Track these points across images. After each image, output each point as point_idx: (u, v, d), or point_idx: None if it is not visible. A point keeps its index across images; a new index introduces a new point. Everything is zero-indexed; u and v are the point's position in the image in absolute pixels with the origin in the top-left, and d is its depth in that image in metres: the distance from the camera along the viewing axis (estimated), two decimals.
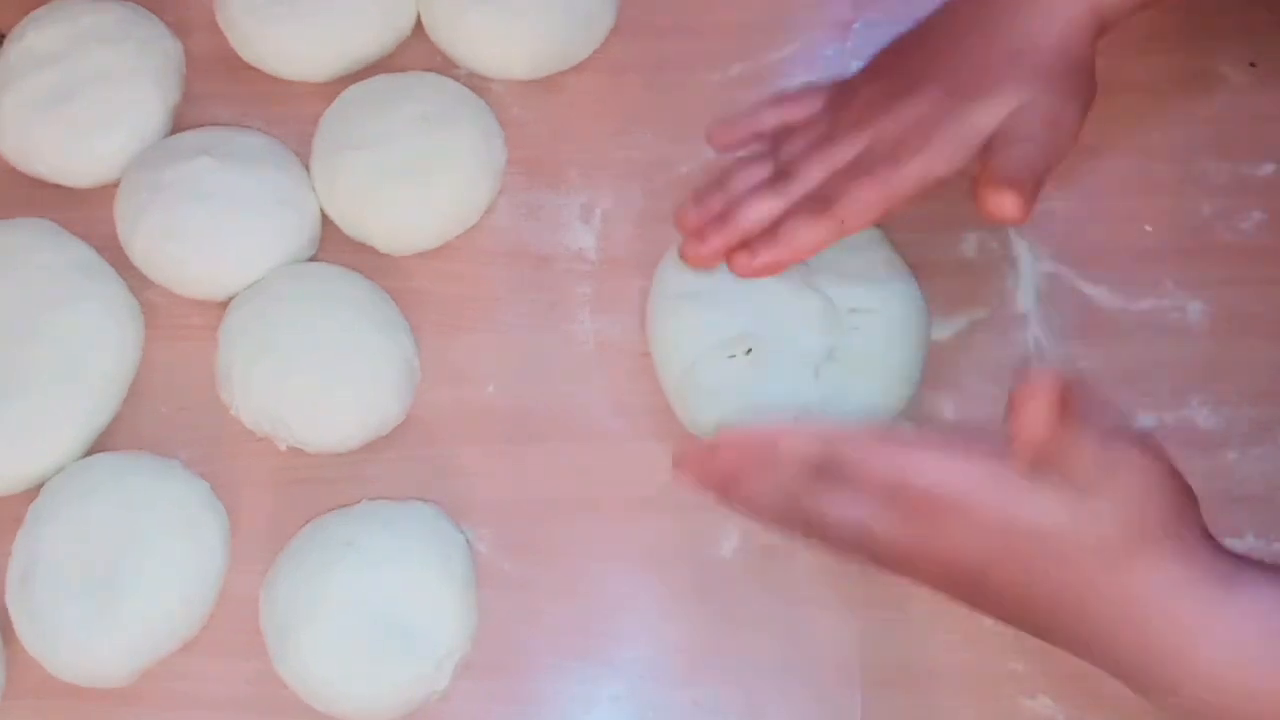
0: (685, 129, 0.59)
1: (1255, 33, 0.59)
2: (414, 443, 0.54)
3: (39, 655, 0.49)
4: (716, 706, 0.49)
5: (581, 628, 0.50)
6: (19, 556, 0.50)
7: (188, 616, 0.50)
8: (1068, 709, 0.47)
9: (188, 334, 0.56)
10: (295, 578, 0.49)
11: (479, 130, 0.58)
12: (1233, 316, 0.54)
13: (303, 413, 0.52)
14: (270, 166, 0.57)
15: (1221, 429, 0.52)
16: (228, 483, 0.53)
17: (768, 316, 0.51)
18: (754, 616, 0.50)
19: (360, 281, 0.55)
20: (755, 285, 0.51)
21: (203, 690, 0.50)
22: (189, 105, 0.61)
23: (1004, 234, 0.56)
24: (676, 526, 0.52)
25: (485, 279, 0.57)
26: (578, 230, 0.58)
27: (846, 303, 0.51)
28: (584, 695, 0.50)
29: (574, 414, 0.54)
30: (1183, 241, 0.56)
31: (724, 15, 0.62)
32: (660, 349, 0.53)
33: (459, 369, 0.55)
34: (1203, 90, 0.59)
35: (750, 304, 0.52)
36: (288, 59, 0.61)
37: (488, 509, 0.52)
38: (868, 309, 0.51)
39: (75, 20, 0.60)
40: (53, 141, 0.58)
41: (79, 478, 0.52)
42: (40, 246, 0.56)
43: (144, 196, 0.56)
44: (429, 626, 0.48)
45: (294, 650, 0.48)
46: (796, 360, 0.51)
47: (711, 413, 0.51)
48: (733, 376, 0.51)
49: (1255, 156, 0.57)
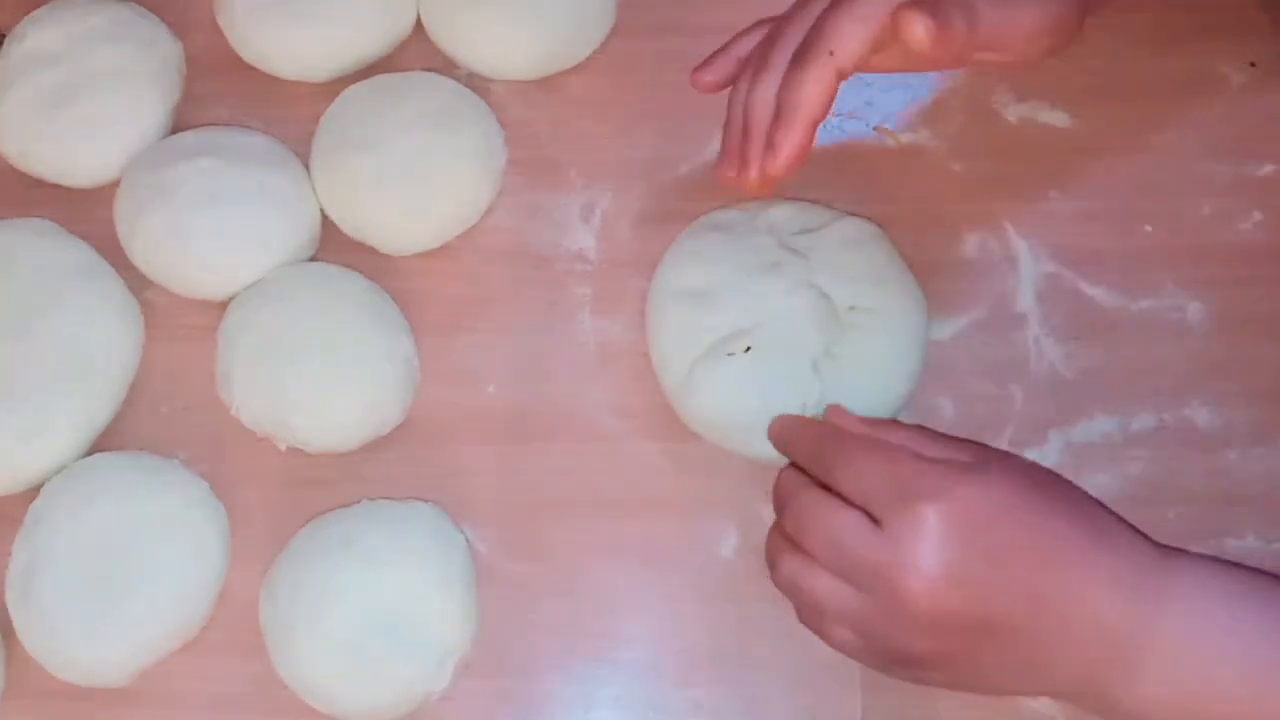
0: (685, 129, 0.59)
1: (1255, 33, 0.59)
2: (414, 443, 0.54)
3: (39, 655, 0.49)
4: (716, 706, 0.49)
5: (581, 628, 0.50)
6: (19, 556, 0.50)
7: (188, 616, 0.50)
8: (1068, 709, 0.47)
9: (188, 334, 0.56)
10: (295, 578, 0.49)
11: (479, 130, 0.58)
12: (1233, 316, 0.54)
13: (303, 413, 0.52)
14: (270, 166, 0.57)
15: (1221, 429, 0.52)
16: (228, 483, 0.53)
17: (767, 314, 0.51)
18: (754, 616, 0.50)
19: (360, 281, 0.55)
20: (753, 283, 0.51)
21: (203, 690, 0.50)
22: (189, 105, 0.61)
23: (1004, 234, 0.56)
24: (676, 526, 0.52)
25: (485, 279, 0.57)
26: (578, 230, 0.58)
27: (845, 300, 0.51)
28: (584, 695, 0.50)
29: (574, 414, 0.54)
30: (1183, 241, 0.56)
31: (724, 15, 0.61)
32: (660, 349, 0.53)
33: (459, 369, 0.55)
34: (1203, 90, 0.59)
35: (749, 302, 0.51)
36: (288, 59, 0.61)
37: (488, 509, 0.52)
38: (867, 307, 0.51)
39: (75, 20, 0.60)
40: (53, 141, 0.58)
41: (79, 478, 0.52)
42: (40, 246, 0.56)
43: (144, 196, 0.56)
44: (429, 626, 0.48)
45: (294, 650, 0.48)
46: (795, 358, 0.50)
47: (712, 412, 0.51)
48: (732, 375, 0.50)
49: (1255, 156, 0.57)
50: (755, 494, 0.51)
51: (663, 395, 0.53)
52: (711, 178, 0.53)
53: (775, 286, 0.51)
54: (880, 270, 0.53)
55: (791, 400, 0.50)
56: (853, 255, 0.53)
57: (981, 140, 0.58)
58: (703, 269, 0.53)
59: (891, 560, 0.40)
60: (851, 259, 0.52)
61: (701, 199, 0.57)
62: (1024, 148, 0.58)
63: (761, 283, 0.52)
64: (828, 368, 0.50)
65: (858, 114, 0.59)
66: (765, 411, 0.49)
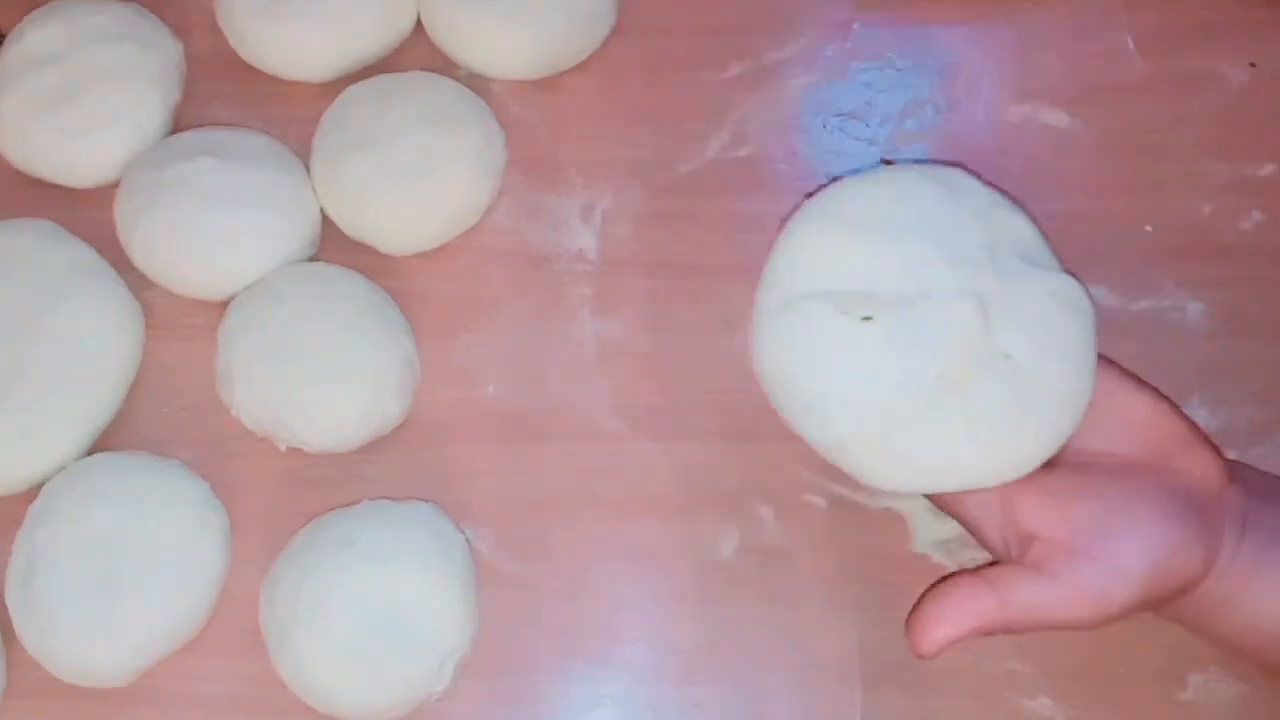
0: (685, 129, 0.59)
1: (1255, 33, 0.59)
2: (414, 443, 0.54)
3: (39, 655, 0.49)
4: (716, 706, 0.49)
5: (581, 628, 0.50)
6: (19, 556, 0.50)
7: (188, 616, 0.50)
8: (1068, 709, 0.47)
9: (188, 334, 0.56)
10: (295, 578, 0.49)
11: (479, 130, 0.58)
12: (1233, 316, 0.54)
13: (303, 413, 0.52)
14: (270, 166, 0.57)
15: (1221, 429, 0.52)
16: (228, 483, 0.53)
17: (913, 293, 0.43)
18: (754, 616, 0.50)
19: (360, 281, 0.55)
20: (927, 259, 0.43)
21: (203, 690, 0.50)
22: (189, 105, 0.61)
23: None
24: (676, 526, 0.52)
25: (485, 279, 0.57)
26: (578, 230, 0.58)
27: (1008, 344, 0.42)
28: (584, 695, 0.50)
29: (574, 414, 0.54)
30: (1183, 241, 0.56)
31: (724, 15, 0.62)
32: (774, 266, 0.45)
33: (459, 369, 0.55)
34: (1203, 90, 0.59)
35: (906, 273, 0.43)
36: (288, 59, 0.61)
37: (488, 509, 0.52)
38: (1026, 366, 0.42)
39: (75, 20, 0.60)
40: (53, 141, 0.58)
41: (79, 478, 0.52)
42: (40, 246, 0.56)
43: (144, 196, 0.56)
44: (429, 626, 0.48)
45: (294, 650, 0.48)
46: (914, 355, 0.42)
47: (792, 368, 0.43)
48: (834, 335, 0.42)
49: (1255, 156, 0.57)
50: (755, 494, 0.51)
51: (662, 395, 0.53)
52: (711, 178, 0.53)
53: (947, 278, 0.43)
54: (1064, 343, 0.43)
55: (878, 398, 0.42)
56: (1048, 311, 0.43)
57: (982, 140, 0.58)
58: (888, 205, 0.44)
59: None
60: (1044, 315, 0.43)
61: (702, 199, 0.57)
62: (1024, 148, 0.58)
63: (937, 265, 0.43)
64: (939, 397, 0.42)
65: (858, 114, 0.59)
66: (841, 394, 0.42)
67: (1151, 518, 0.41)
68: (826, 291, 0.43)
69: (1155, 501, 0.42)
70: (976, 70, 0.60)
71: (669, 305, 0.56)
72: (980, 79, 0.59)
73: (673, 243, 0.57)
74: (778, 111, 0.60)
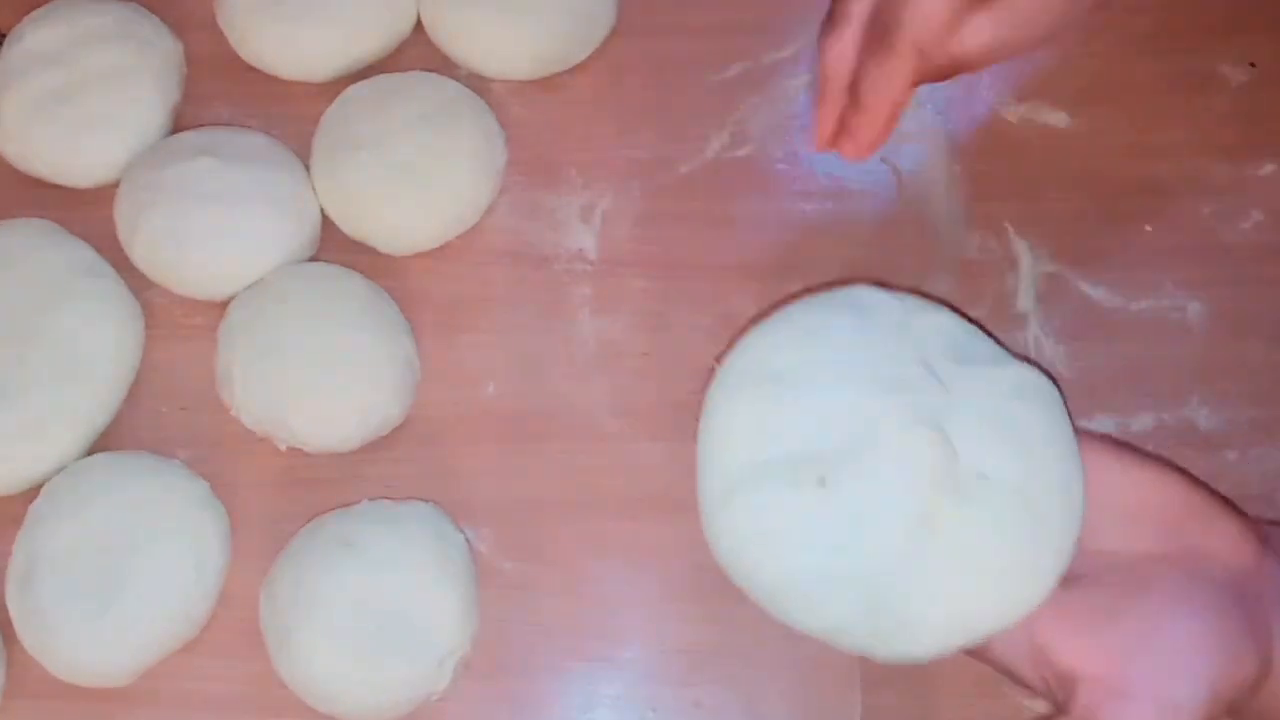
0: (685, 129, 0.59)
1: (1255, 33, 0.59)
2: (414, 443, 0.54)
3: (39, 655, 0.49)
4: (716, 706, 0.49)
5: (581, 628, 0.50)
6: (19, 556, 0.50)
7: (188, 616, 0.50)
8: None
9: (188, 334, 0.56)
10: (295, 578, 0.49)
11: (479, 130, 0.58)
12: (1233, 316, 0.54)
13: (303, 413, 0.52)
14: (270, 166, 0.57)
15: (1221, 429, 0.52)
16: (228, 483, 0.53)
17: (862, 442, 0.38)
18: (754, 616, 0.49)
19: (360, 281, 0.55)
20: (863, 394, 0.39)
21: (203, 690, 0.50)
22: (189, 105, 0.61)
23: (1004, 234, 0.56)
24: (676, 526, 0.52)
25: (485, 279, 0.57)
26: (578, 230, 0.58)
27: (977, 463, 0.38)
28: (584, 695, 0.50)
29: (574, 414, 0.54)
30: (1183, 241, 0.56)
31: (724, 15, 0.62)
32: (708, 443, 0.41)
33: (459, 369, 0.55)
34: (1203, 90, 0.59)
35: (845, 416, 0.39)
36: (288, 59, 0.60)
37: (488, 509, 0.52)
38: (1003, 482, 0.38)
39: (75, 20, 0.60)
40: (53, 141, 0.58)
41: (79, 478, 0.52)
42: (40, 246, 0.56)
43: (144, 196, 0.56)
44: (429, 626, 0.48)
45: (294, 650, 0.48)
46: (881, 515, 0.38)
47: (756, 559, 0.40)
48: (791, 513, 0.38)
49: (1255, 156, 0.57)
50: None
51: (663, 395, 0.53)
52: (711, 178, 0.53)
53: (889, 411, 0.38)
54: (1039, 443, 0.39)
55: (856, 570, 0.38)
56: (1011, 411, 0.39)
57: (981, 140, 0.58)
58: (803, 353, 0.40)
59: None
60: (1008, 416, 0.39)
61: (702, 199, 0.57)
62: (1024, 148, 0.58)
63: (875, 399, 0.38)
64: (920, 545, 0.37)
65: None
66: (816, 575, 0.38)
67: (1191, 628, 0.37)
68: (767, 461, 0.39)
69: (1190, 606, 0.38)
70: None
71: (669, 305, 0.56)
72: (980, 79, 0.59)
73: (672, 243, 0.57)
74: (778, 111, 0.60)
